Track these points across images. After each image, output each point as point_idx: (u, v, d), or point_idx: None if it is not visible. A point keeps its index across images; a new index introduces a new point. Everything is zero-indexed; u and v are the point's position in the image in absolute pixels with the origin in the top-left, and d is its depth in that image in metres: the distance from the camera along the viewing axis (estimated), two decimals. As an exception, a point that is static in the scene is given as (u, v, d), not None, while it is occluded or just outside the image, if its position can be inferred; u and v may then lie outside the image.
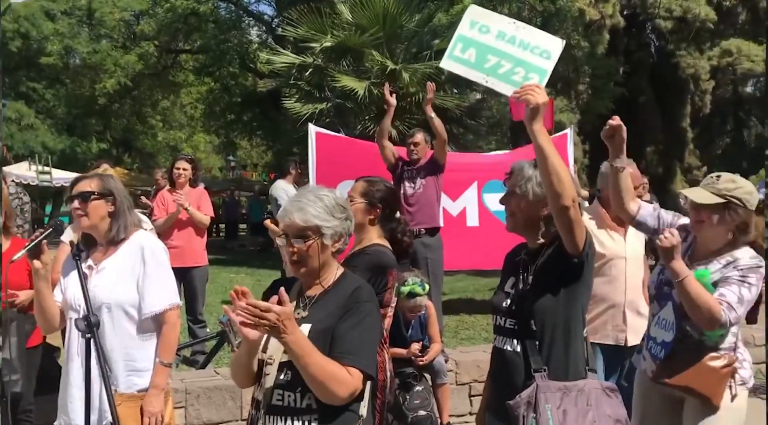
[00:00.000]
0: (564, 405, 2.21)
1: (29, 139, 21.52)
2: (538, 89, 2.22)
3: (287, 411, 2.05)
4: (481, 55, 2.45)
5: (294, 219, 2.12)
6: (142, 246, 2.90)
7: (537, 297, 2.34)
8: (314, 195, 2.18)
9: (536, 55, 2.42)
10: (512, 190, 2.48)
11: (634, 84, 20.79)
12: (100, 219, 2.83)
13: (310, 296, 2.20)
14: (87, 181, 2.86)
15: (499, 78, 2.43)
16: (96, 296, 2.76)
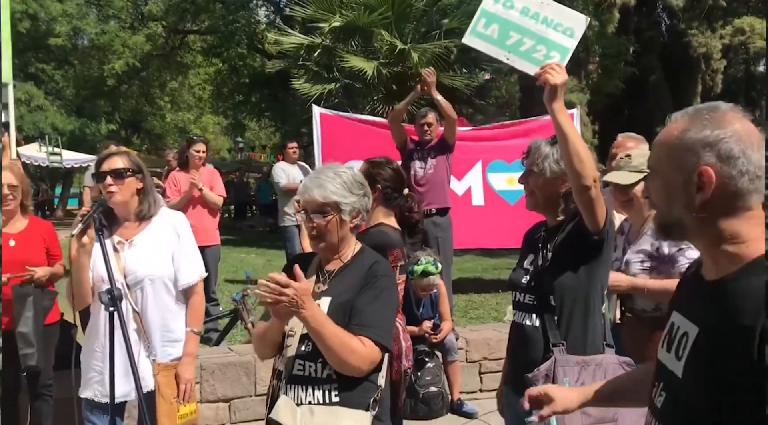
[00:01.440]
0: (582, 378, 2.25)
1: (39, 120, 21.60)
2: (558, 68, 2.22)
3: (308, 380, 2.11)
4: (503, 32, 2.45)
5: (314, 195, 2.18)
6: (174, 221, 3.01)
7: (556, 274, 2.38)
8: (333, 172, 2.24)
9: (559, 33, 2.41)
10: (530, 168, 2.50)
11: (644, 63, 20.58)
12: (130, 196, 2.89)
13: (329, 270, 2.26)
14: (117, 157, 2.89)
15: (520, 55, 2.43)
16: (136, 270, 2.85)
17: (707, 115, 1.32)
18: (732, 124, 1.29)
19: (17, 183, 3.81)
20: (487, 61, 14.93)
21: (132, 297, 2.86)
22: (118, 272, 2.81)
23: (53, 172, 24.50)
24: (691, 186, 1.29)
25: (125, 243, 2.90)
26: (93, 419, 2.84)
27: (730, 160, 1.27)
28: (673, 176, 1.33)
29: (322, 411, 2.05)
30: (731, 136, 1.28)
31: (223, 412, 4.70)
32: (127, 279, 2.85)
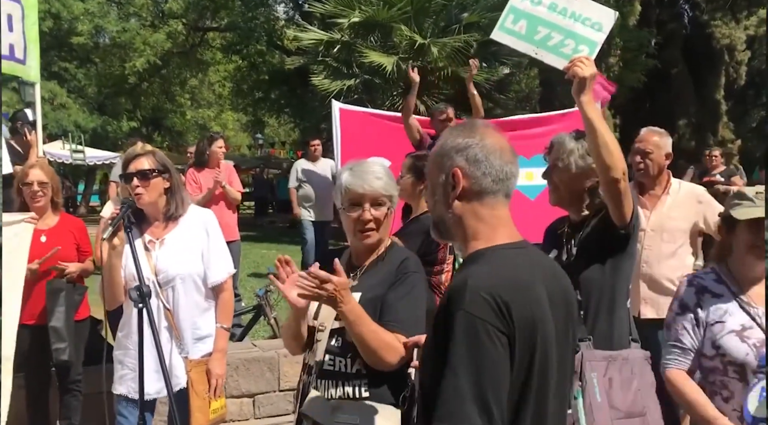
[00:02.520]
0: (609, 373, 2.24)
1: (62, 118, 21.80)
2: (586, 61, 2.23)
3: (338, 375, 2.13)
4: (531, 27, 2.46)
5: (375, 187, 2.17)
6: (204, 219, 3.05)
7: (582, 268, 2.38)
8: (381, 166, 2.25)
9: (587, 27, 2.42)
10: (554, 163, 2.50)
11: (666, 56, 20.33)
12: (158, 196, 2.92)
13: (361, 265, 2.27)
14: (143, 158, 2.90)
15: (548, 50, 2.43)
16: (167, 269, 2.89)
17: (462, 127, 1.59)
18: (480, 134, 1.54)
19: (47, 180, 3.88)
20: (507, 55, 14.85)
21: (163, 295, 2.90)
22: (149, 271, 2.86)
23: (76, 170, 24.75)
24: (447, 185, 1.53)
25: (155, 242, 2.93)
26: (125, 414, 2.89)
27: (476, 163, 1.51)
28: (436, 178, 1.57)
29: (352, 406, 2.06)
30: (478, 143, 1.52)
31: (247, 407, 4.75)
32: (159, 278, 2.89)
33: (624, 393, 2.21)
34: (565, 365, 1.54)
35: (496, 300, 1.36)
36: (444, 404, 1.34)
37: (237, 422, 4.64)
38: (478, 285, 1.38)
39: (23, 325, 3.77)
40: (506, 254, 1.49)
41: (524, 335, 1.37)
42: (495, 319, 1.35)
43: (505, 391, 1.35)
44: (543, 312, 1.43)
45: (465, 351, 1.33)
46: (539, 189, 7.38)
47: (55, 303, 3.79)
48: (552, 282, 1.52)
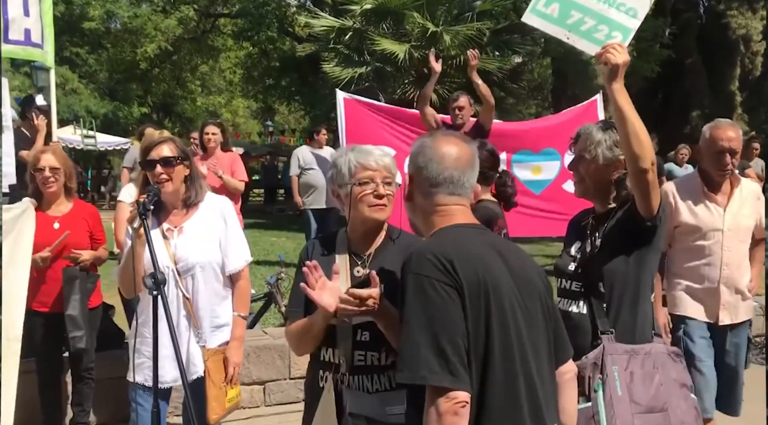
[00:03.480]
0: (631, 367, 2.21)
1: (73, 104, 21.84)
2: (620, 48, 2.17)
3: (372, 369, 2.11)
4: (564, 11, 2.39)
5: (386, 163, 2.18)
6: (221, 207, 3.03)
7: (606, 260, 2.34)
8: (383, 150, 2.25)
9: (621, 13, 2.35)
10: (581, 155, 2.45)
11: (681, 46, 20.14)
12: (180, 183, 2.90)
13: (364, 252, 2.23)
14: (164, 145, 2.88)
15: (581, 35, 2.37)
16: (187, 257, 2.87)
17: (426, 138, 1.86)
18: (430, 144, 1.80)
19: (59, 165, 3.83)
20: (519, 44, 14.74)
21: (183, 283, 2.88)
22: (168, 259, 2.85)
23: (86, 155, 24.81)
24: (405, 188, 1.87)
25: (174, 230, 2.91)
26: (141, 402, 2.88)
27: (419, 169, 1.79)
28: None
29: (395, 397, 2.00)
30: (424, 151, 1.79)
31: (258, 395, 4.76)
32: (179, 266, 2.87)
33: (645, 387, 2.18)
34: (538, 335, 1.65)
35: (440, 259, 1.55)
36: (403, 354, 1.52)
37: (247, 409, 4.65)
38: (422, 250, 1.61)
39: (37, 312, 3.78)
40: (457, 230, 1.70)
41: (473, 289, 1.54)
42: (440, 274, 1.53)
43: (459, 334, 1.48)
44: (493, 275, 1.59)
45: (416, 306, 1.52)
46: (545, 184, 7.35)
47: (71, 291, 3.78)
48: (516, 262, 1.69)
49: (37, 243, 3.71)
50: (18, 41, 5.38)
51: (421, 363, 1.45)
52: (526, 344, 1.58)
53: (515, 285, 1.63)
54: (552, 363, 1.73)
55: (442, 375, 1.43)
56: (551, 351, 1.72)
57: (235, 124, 37.68)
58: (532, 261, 1.80)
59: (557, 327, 1.78)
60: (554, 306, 1.78)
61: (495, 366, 1.52)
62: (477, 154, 1.83)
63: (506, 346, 1.54)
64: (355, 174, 2.16)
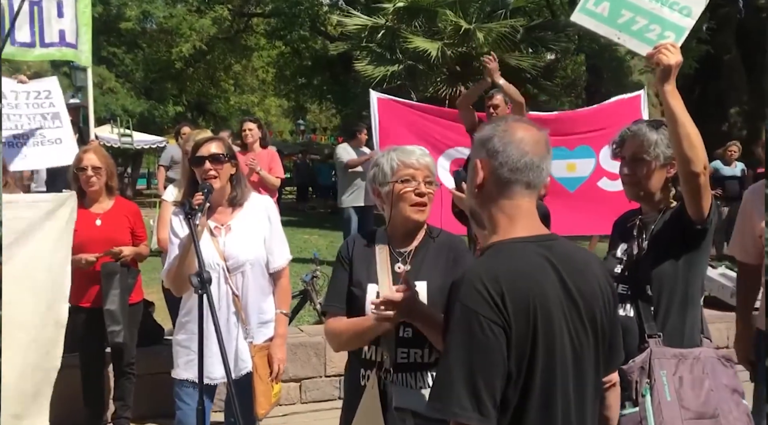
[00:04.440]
0: (679, 372, 2.17)
1: (110, 103, 22.24)
2: (672, 49, 2.11)
3: (416, 367, 2.13)
4: (614, 10, 2.34)
5: (427, 163, 2.23)
6: (266, 206, 3.08)
7: (654, 263, 2.30)
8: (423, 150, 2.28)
9: (675, 12, 2.29)
10: (639, 157, 2.38)
11: (719, 41, 19.67)
12: (227, 181, 2.94)
13: (405, 249, 2.26)
14: (213, 143, 2.93)
15: (632, 35, 2.31)
16: (237, 255, 2.92)
17: (494, 120, 1.70)
18: (504, 126, 1.63)
19: (101, 164, 3.92)
20: (553, 40, 14.60)
21: (232, 280, 2.92)
22: (218, 256, 2.88)
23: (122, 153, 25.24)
24: (474, 176, 1.63)
25: (221, 228, 2.95)
26: (186, 400, 2.91)
27: (494, 154, 1.59)
28: (470, 170, 1.65)
29: None
30: (498, 134, 1.61)
31: (294, 392, 4.79)
32: (228, 263, 2.91)
33: (695, 392, 2.13)
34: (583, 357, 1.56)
35: (490, 291, 1.45)
36: (437, 386, 1.49)
37: (284, 406, 4.67)
38: (473, 278, 1.49)
39: (79, 308, 3.86)
40: (514, 247, 1.56)
41: (522, 324, 1.45)
42: (488, 310, 1.44)
43: (497, 377, 1.43)
44: (549, 301, 1.50)
45: (458, 340, 1.45)
46: (580, 181, 7.25)
47: (109, 286, 3.85)
48: (575, 276, 1.56)
49: (80, 241, 3.79)
50: (53, 43, 5.50)
51: (454, 399, 1.43)
52: (569, 369, 1.53)
53: (567, 305, 1.54)
54: (599, 381, 1.65)
55: (471, 413, 1.42)
56: (599, 369, 1.63)
57: (268, 122, 37.97)
58: (596, 268, 1.66)
59: (613, 335, 1.68)
60: (613, 314, 1.67)
61: (533, 396, 1.48)
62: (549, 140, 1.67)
63: (548, 377, 1.49)
64: (397, 172, 2.20)
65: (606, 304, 1.62)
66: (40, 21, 5.45)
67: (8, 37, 5.04)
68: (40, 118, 5.43)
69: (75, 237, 3.76)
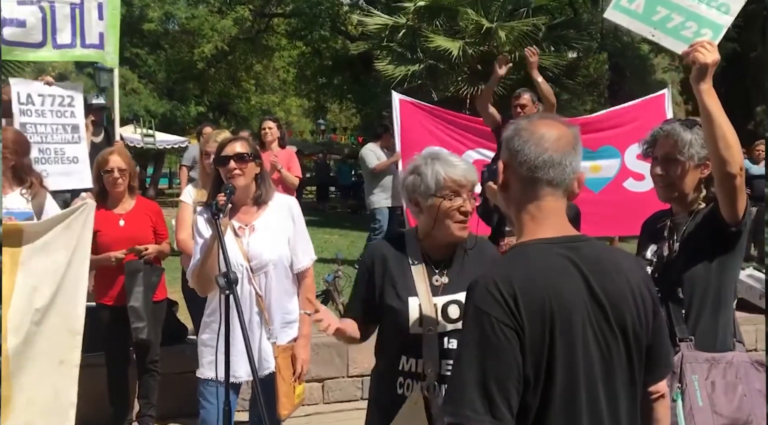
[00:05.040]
0: (712, 376, 2.13)
1: (133, 103, 22.44)
2: (709, 47, 2.06)
3: None
4: (649, 6, 2.29)
5: (474, 178, 2.19)
6: (290, 205, 3.07)
7: (686, 265, 2.26)
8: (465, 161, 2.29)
9: (712, 9, 2.24)
10: (672, 157, 2.33)
11: (745, 38, 19.37)
12: (251, 180, 2.95)
13: (441, 259, 2.24)
14: (238, 142, 2.94)
15: (667, 32, 2.26)
16: (261, 255, 2.92)
17: (517, 120, 1.66)
18: (527, 125, 1.60)
19: (125, 166, 3.97)
20: (575, 39, 14.46)
21: (256, 281, 2.92)
22: (242, 257, 2.88)
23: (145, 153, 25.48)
24: (498, 176, 1.63)
25: (245, 228, 2.95)
26: (210, 399, 2.92)
27: (515, 153, 1.58)
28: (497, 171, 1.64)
29: None
30: (519, 134, 1.59)
31: (316, 392, 4.79)
32: (252, 264, 2.91)
33: (728, 398, 2.09)
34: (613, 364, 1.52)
35: (503, 294, 1.44)
36: (450, 388, 1.49)
37: (306, 406, 4.66)
38: (487, 280, 1.48)
39: (103, 306, 3.92)
40: (533, 248, 1.54)
41: (537, 327, 1.43)
42: (500, 313, 1.43)
43: (511, 379, 1.41)
44: (569, 304, 1.46)
45: (472, 343, 1.45)
46: (604, 182, 7.18)
47: (133, 283, 3.88)
48: (602, 278, 1.52)
49: (104, 241, 3.85)
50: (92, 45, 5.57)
51: (466, 402, 1.41)
52: (597, 376, 1.49)
53: (593, 309, 1.49)
54: (635, 390, 1.58)
55: (484, 417, 1.40)
56: (634, 377, 1.57)
57: (288, 122, 38.09)
58: (631, 271, 1.60)
59: (657, 343, 1.61)
60: (653, 320, 1.60)
61: (554, 399, 1.45)
62: (579, 137, 1.63)
63: (570, 382, 1.46)
64: (444, 187, 2.16)
65: (641, 310, 1.56)
66: (81, 23, 5.53)
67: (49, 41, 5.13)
68: (62, 129, 5.49)
69: (99, 237, 3.83)
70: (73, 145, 5.52)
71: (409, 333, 2.15)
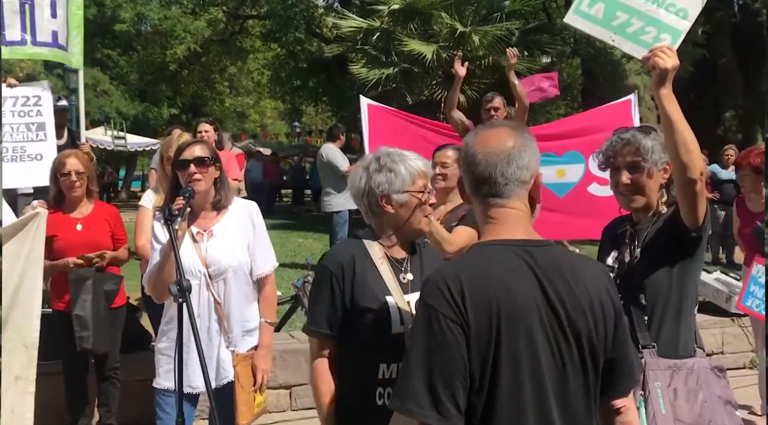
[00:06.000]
0: (674, 383, 2.12)
1: (104, 105, 22.13)
2: (669, 51, 2.05)
3: None
4: (609, 11, 2.28)
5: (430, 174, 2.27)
6: (249, 211, 2.99)
7: (648, 271, 2.25)
8: None
9: (671, 14, 2.23)
10: (638, 164, 2.31)
11: (715, 45, 19.74)
12: (211, 185, 2.86)
13: (402, 256, 2.21)
14: (197, 146, 2.86)
15: (627, 37, 2.26)
16: (219, 261, 2.84)
17: (471, 132, 1.68)
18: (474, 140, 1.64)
19: (83, 169, 3.88)
20: (549, 44, 14.56)
21: (214, 287, 2.84)
22: (200, 263, 2.81)
23: (117, 155, 25.13)
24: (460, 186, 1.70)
25: (203, 233, 2.87)
26: (167, 409, 2.84)
27: (465, 166, 1.62)
28: None
29: None
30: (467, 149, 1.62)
31: (284, 399, 4.71)
32: (210, 270, 2.83)
33: (690, 405, 2.09)
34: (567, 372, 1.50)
35: (451, 290, 1.46)
36: (398, 381, 1.52)
37: (274, 414, 4.61)
38: (436, 277, 1.51)
39: (58, 312, 3.83)
40: (488, 249, 1.56)
41: (483, 325, 1.44)
42: (447, 309, 1.44)
43: (456, 376, 1.42)
44: (518, 306, 1.46)
45: (419, 337, 1.47)
46: (569, 187, 7.21)
47: (79, 291, 3.77)
48: (558, 284, 1.51)
49: (60, 246, 3.77)
50: (45, 43, 5.41)
51: (410, 395, 1.43)
52: (547, 382, 1.46)
53: (547, 314, 1.48)
54: (590, 400, 1.55)
55: (429, 412, 1.40)
56: (590, 387, 1.53)
57: (263, 125, 37.91)
58: (592, 279, 1.57)
59: (618, 356, 1.58)
60: (614, 330, 1.57)
61: (501, 405, 1.44)
62: (523, 144, 1.61)
63: (516, 385, 1.44)
64: (417, 180, 2.15)
65: (599, 318, 1.54)
66: (32, 19, 5.37)
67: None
68: (24, 128, 5.29)
69: (56, 242, 3.73)
70: (37, 142, 5.32)
71: (391, 334, 2.08)
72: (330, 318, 2.12)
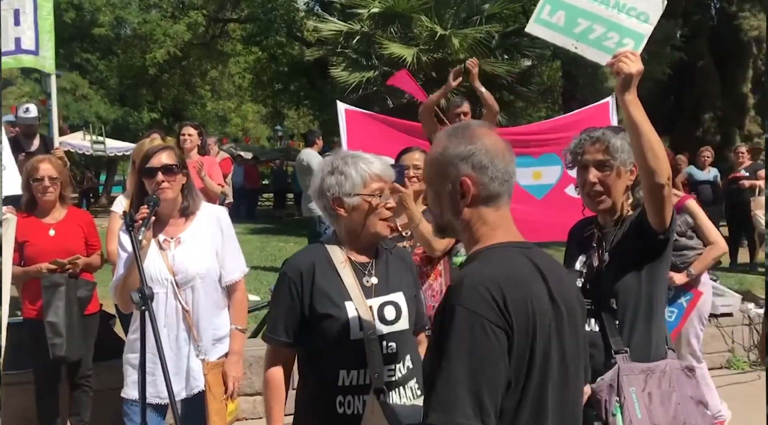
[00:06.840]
0: (648, 387, 2.12)
1: (83, 109, 21.90)
2: (633, 56, 2.04)
3: (399, 383, 2.12)
4: (570, 19, 2.27)
5: (392, 177, 2.24)
6: (218, 216, 2.95)
7: (617, 275, 2.23)
8: None
9: (632, 18, 2.23)
10: (607, 162, 2.29)
11: (692, 48, 19.91)
12: (179, 192, 2.82)
13: (364, 262, 2.19)
14: (165, 153, 2.80)
15: (589, 44, 2.25)
16: (187, 268, 2.79)
17: (460, 133, 1.58)
18: (481, 139, 1.55)
19: (57, 175, 3.82)
20: (529, 47, 14.64)
21: (182, 295, 2.79)
22: (167, 271, 2.76)
23: (97, 160, 24.88)
24: (455, 194, 1.55)
25: (170, 241, 2.82)
26: (134, 419, 2.79)
27: (482, 169, 1.53)
28: (440, 186, 1.58)
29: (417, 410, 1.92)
30: (481, 149, 1.53)
31: (260, 406, 4.65)
32: (177, 278, 2.78)
33: (664, 408, 2.09)
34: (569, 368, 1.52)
35: (493, 295, 1.40)
36: (439, 394, 1.39)
37: (250, 421, 4.56)
38: (474, 282, 1.43)
39: (28, 320, 3.76)
40: (503, 252, 1.53)
41: (522, 329, 1.41)
42: (492, 314, 1.39)
43: (500, 385, 1.38)
44: (542, 307, 1.46)
45: (462, 345, 1.38)
46: (546, 188, 7.24)
47: (52, 297, 3.72)
48: (558, 284, 1.53)
49: (32, 252, 3.71)
50: (8, 52, 5.33)
51: (458, 407, 1.36)
52: (558, 380, 1.49)
53: (555, 313, 1.50)
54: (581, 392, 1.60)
55: (474, 422, 1.35)
56: (580, 381, 1.59)
57: (245, 128, 37.72)
58: (571, 282, 1.64)
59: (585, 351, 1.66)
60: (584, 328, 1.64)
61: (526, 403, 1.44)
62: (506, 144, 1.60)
63: (541, 387, 1.45)
64: (369, 184, 2.12)
65: (582, 319, 1.62)
66: None
67: None
68: None
69: (27, 248, 3.68)
70: None
71: (350, 340, 2.05)
72: (288, 325, 2.11)
